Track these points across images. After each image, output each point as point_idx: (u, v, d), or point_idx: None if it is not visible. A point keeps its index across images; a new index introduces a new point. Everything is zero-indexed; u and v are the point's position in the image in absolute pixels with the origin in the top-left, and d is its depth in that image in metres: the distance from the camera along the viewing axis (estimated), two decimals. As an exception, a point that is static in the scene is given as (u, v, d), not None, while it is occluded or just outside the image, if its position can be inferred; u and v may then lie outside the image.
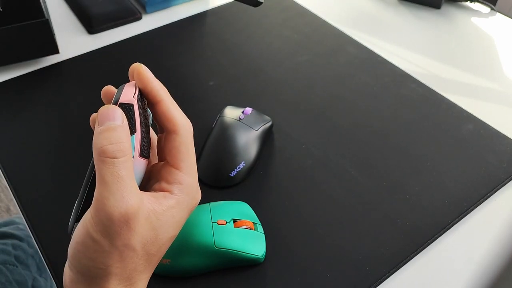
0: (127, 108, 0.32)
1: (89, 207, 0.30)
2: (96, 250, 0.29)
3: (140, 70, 0.33)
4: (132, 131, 0.32)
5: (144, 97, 0.34)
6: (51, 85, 0.61)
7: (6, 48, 0.61)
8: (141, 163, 0.32)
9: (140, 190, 0.31)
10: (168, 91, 0.35)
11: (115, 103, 0.32)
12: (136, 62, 0.34)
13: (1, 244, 0.66)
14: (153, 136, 0.37)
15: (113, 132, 0.30)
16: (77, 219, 0.32)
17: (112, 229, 0.29)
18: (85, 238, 0.30)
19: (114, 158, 0.30)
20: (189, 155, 0.33)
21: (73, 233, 0.31)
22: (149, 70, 0.34)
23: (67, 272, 0.32)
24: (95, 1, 0.73)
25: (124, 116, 0.31)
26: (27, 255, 0.67)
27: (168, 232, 0.32)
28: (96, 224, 0.29)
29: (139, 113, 0.32)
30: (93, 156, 0.30)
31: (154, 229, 0.31)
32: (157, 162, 0.36)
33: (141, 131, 0.32)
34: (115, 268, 0.30)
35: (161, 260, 0.42)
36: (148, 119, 0.34)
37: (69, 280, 0.31)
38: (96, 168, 0.30)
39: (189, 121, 0.34)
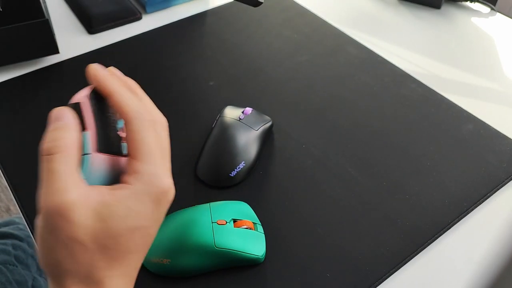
0: (75, 107, 0.32)
1: None
2: (45, 246, 0.30)
3: (88, 69, 0.33)
4: (84, 128, 0.32)
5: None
6: (51, 85, 0.61)
7: (6, 48, 0.61)
8: (101, 158, 0.32)
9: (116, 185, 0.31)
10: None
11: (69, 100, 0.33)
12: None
13: (1, 244, 0.66)
14: None
15: (53, 132, 0.31)
16: None
17: (50, 223, 0.29)
18: (37, 236, 0.30)
19: (48, 154, 0.30)
20: (146, 143, 0.32)
21: None
22: (101, 68, 0.34)
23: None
24: (95, 1, 0.73)
25: (71, 115, 0.32)
26: (27, 255, 0.67)
27: (125, 223, 0.30)
28: (40, 220, 0.30)
29: (92, 110, 0.33)
30: None
31: (103, 221, 0.29)
32: None
33: (97, 127, 0.32)
34: (67, 264, 0.29)
35: (161, 260, 0.42)
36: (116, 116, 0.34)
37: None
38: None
39: (148, 110, 0.33)
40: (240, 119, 0.52)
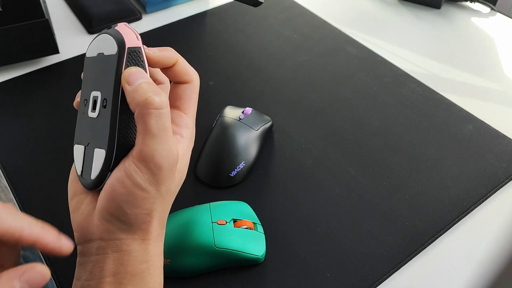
0: (136, 52, 0.33)
1: (118, 159, 0.32)
2: (144, 197, 0.31)
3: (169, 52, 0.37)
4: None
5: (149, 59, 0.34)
6: (51, 85, 0.61)
7: (6, 48, 0.61)
8: None
9: None
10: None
11: (120, 43, 0.32)
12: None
13: None
14: None
15: (152, 85, 0.32)
16: (111, 170, 0.33)
17: (160, 178, 0.31)
18: (132, 188, 0.31)
19: (160, 109, 0.31)
20: (195, 104, 0.37)
21: (108, 186, 0.32)
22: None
23: (97, 224, 0.33)
24: (95, 1, 0.73)
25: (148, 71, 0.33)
26: (35, 255, 0.67)
27: (182, 173, 0.35)
28: (145, 174, 0.31)
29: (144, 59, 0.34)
30: (135, 110, 0.31)
31: (180, 172, 0.34)
32: None
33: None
34: (157, 212, 0.33)
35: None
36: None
37: (105, 231, 0.32)
38: (139, 120, 0.31)
39: (197, 73, 0.38)
40: (240, 119, 0.52)
